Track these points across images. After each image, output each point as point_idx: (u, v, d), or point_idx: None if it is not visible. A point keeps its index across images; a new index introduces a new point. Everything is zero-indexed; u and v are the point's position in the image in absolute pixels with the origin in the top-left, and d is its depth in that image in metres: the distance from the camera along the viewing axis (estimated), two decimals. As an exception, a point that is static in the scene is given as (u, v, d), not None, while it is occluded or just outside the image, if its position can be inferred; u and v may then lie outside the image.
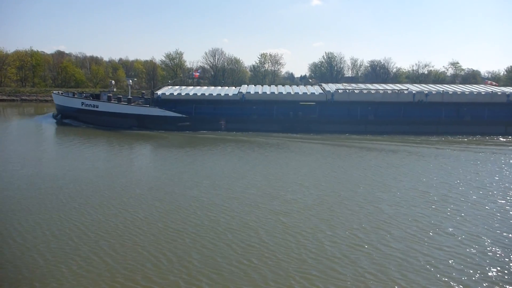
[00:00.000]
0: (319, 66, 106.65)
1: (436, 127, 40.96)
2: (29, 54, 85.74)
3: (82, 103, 43.18)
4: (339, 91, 43.49)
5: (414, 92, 43.04)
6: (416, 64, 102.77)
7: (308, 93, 43.71)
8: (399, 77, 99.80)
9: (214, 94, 43.79)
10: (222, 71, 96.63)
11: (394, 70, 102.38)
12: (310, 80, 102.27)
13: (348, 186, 19.06)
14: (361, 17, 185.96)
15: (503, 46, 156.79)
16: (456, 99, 42.75)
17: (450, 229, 13.59)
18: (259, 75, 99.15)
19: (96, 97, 46.01)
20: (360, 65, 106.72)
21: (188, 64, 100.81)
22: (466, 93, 43.32)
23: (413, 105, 42.29)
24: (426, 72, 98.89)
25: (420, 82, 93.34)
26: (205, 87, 51.22)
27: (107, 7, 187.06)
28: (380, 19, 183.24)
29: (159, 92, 44.50)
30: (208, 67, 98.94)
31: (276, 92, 43.95)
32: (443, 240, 12.69)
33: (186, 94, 43.75)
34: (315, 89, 46.02)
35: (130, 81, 49.06)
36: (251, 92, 43.81)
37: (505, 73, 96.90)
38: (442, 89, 44.50)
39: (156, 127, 40.24)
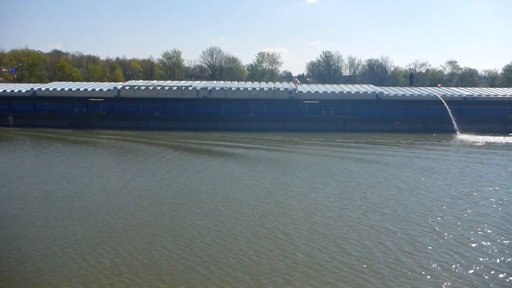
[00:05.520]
0: (317, 65, 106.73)
1: (216, 123, 41.91)
2: (25, 54, 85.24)
3: None
4: (126, 87, 44.35)
5: (198, 88, 43.86)
6: (413, 63, 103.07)
7: (96, 90, 44.88)
8: (397, 76, 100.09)
9: (8, 90, 45.27)
10: (220, 70, 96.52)
11: (392, 69, 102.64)
12: (308, 79, 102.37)
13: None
14: (358, 15, 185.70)
15: (501, 45, 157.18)
16: (239, 95, 43.71)
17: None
18: (257, 74, 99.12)
19: None
20: (358, 64, 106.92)
21: (186, 63, 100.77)
22: (249, 89, 44.29)
23: (198, 101, 43.19)
24: (423, 71, 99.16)
25: (417, 81, 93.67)
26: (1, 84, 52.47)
27: (103, 5, 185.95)
28: (377, 18, 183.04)
29: None
30: (206, 66, 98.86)
31: (66, 89, 44.94)
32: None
33: None
34: (105, 86, 47.45)
35: None
36: (42, 89, 45.04)
37: (503, 71, 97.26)
38: (226, 86, 45.44)
39: None
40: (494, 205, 14.53)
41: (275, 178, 18.71)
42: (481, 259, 9.97)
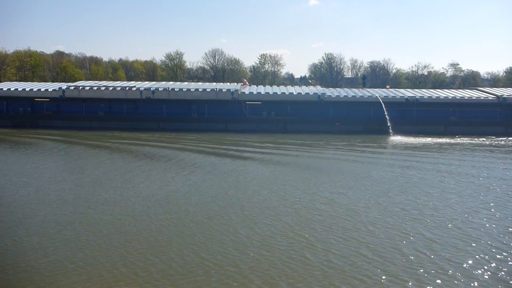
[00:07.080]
0: (319, 67, 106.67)
1: (158, 124, 42.21)
2: (28, 54, 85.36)
3: None
4: (71, 88, 44.87)
5: (141, 89, 44.16)
6: (415, 65, 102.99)
7: (42, 90, 45.45)
8: (399, 78, 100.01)
9: None
10: (222, 71, 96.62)
11: (394, 71, 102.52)
12: (310, 81, 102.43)
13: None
14: (360, 17, 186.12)
15: (504, 47, 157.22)
16: (182, 96, 43.92)
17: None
18: (259, 75, 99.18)
19: None
20: (360, 66, 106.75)
21: (188, 65, 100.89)
22: (192, 90, 44.46)
23: (141, 102, 43.57)
24: (425, 73, 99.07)
25: (419, 83, 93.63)
26: None
27: (106, 6, 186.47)
28: (379, 20, 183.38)
29: None
30: (208, 67, 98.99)
31: (12, 89, 45.72)
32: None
33: None
34: (50, 86, 47.87)
35: None
36: None
37: (504, 74, 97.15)
38: (169, 87, 45.38)
39: None
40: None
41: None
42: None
